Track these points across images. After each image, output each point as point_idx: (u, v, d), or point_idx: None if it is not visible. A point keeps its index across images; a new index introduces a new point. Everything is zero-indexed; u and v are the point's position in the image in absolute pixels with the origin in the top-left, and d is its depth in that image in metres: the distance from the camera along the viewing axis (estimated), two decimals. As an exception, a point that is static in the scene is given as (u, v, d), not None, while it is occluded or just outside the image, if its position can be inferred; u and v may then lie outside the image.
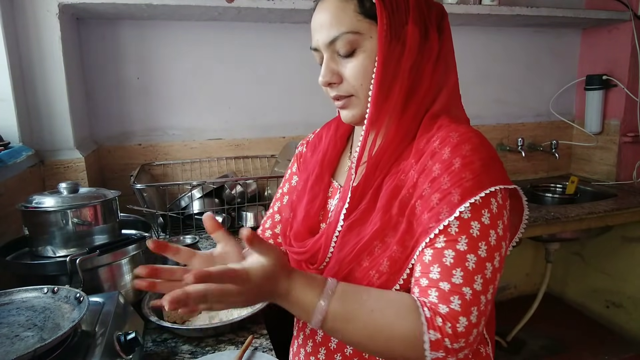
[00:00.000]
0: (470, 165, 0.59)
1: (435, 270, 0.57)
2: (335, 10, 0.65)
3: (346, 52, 0.66)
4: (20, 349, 0.61)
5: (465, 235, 0.58)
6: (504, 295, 2.62)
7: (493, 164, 0.61)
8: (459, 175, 0.59)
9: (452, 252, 0.57)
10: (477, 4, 1.93)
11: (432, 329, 0.55)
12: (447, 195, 0.59)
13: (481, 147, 0.62)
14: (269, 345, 0.92)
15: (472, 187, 0.58)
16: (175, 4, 1.50)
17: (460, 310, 0.55)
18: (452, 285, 0.56)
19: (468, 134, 0.63)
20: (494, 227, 0.59)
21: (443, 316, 0.55)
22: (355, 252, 0.65)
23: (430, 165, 0.62)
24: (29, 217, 0.96)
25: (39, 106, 1.43)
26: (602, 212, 1.81)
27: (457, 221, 0.58)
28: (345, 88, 0.68)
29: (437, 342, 0.55)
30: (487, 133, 2.30)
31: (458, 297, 0.56)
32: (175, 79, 1.79)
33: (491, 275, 0.57)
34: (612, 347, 2.20)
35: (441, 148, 0.62)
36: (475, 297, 0.56)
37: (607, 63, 2.26)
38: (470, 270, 0.56)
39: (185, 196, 1.63)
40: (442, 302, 0.56)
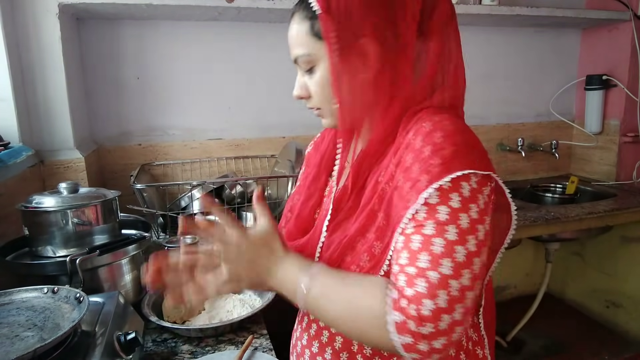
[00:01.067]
0: (440, 152, 0.59)
1: (404, 256, 0.58)
2: (294, 33, 0.70)
3: (306, 69, 0.71)
4: (20, 349, 0.61)
5: (432, 220, 0.57)
6: (504, 295, 2.62)
7: (467, 150, 0.60)
8: (427, 162, 0.58)
9: (419, 236, 0.57)
10: (477, 4, 1.93)
11: (396, 309, 0.55)
12: (416, 183, 0.58)
13: (455, 133, 0.61)
14: (269, 345, 0.92)
15: (439, 172, 0.57)
16: (175, 4, 1.50)
17: (425, 292, 0.54)
18: (417, 269, 0.55)
19: (442, 122, 0.63)
20: (466, 211, 0.57)
21: (408, 298, 0.54)
22: (340, 250, 0.67)
23: (404, 156, 0.63)
24: (29, 217, 0.96)
25: (39, 106, 1.43)
26: (602, 212, 1.81)
27: (424, 207, 0.58)
28: (313, 102, 0.73)
29: (401, 325, 0.54)
30: (487, 133, 2.30)
31: (424, 280, 0.54)
32: (175, 79, 1.79)
33: (465, 259, 0.55)
34: (612, 347, 2.20)
35: (415, 138, 0.62)
36: (442, 280, 0.54)
37: (607, 63, 2.26)
38: (437, 254, 0.55)
39: (185, 196, 1.63)
40: (408, 285, 0.55)
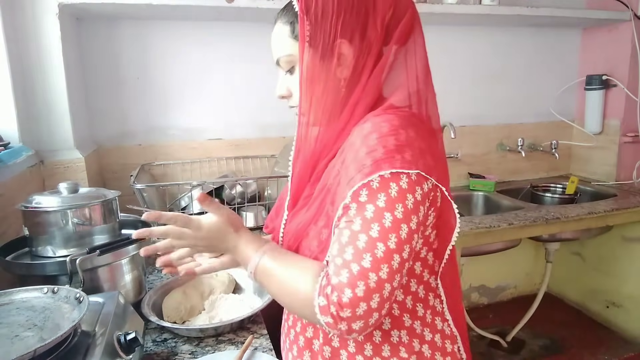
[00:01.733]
0: (372, 153, 0.63)
1: (335, 248, 0.64)
2: (276, 35, 0.77)
3: (286, 69, 0.77)
4: (20, 349, 0.61)
5: (359, 217, 0.62)
6: (504, 295, 2.62)
7: (400, 151, 0.63)
8: (361, 162, 0.64)
9: (348, 231, 0.63)
10: (477, 4, 1.93)
11: (321, 295, 0.62)
12: (349, 181, 0.64)
13: (389, 135, 0.64)
14: (269, 345, 0.92)
15: (369, 172, 0.62)
16: (175, 4, 1.50)
17: (346, 282, 0.60)
18: (343, 261, 0.62)
19: (380, 124, 0.66)
20: (390, 210, 0.61)
21: (333, 286, 0.61)
22: (296, 236, 0.76)
23: (345, 156, 0.69)
24: (29, 217, 0.96)
25: (39, 106, 1.43)
26: (602, 212, 1.81)
27: (355, 204, 0.63)
28: (293, 100, 0.78)
29: (324, 308, 0.61)
30: (487, 133, 2.30)
31: (347, 271, 0.61)
32: (175, 79, 1.79)
33: (384, 255, 0.60)
34: (612, 347, 2.20)
35: (355, 138, 0.67)
36: (362, 273, 0.60)
37: (607, 63, 2.26)
38: (360, 249, 0.61)
39: (185, 196, 1.63)
40: (335, 274, 0.62)
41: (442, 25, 2.11)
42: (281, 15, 0.77)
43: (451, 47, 2.17)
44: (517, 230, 1.74)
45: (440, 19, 1.97)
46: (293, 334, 0.81)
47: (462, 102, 2.25)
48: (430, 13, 1.82)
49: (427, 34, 0.77)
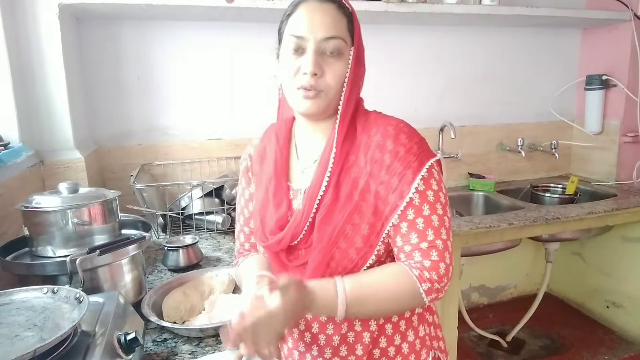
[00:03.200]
0: (411, 150, 0.76)
1: (414, 236, 0.75)
2: (335, 17, 0.77)
3: (334, 51, 0.77)
4: (20, 349, 0.61)
5: (425, 203, 0.75)
6: (504, 295, 2.62)
7: (423, 143, 0.79)
8: (406, 159, 0.75)
9: (421, 218, 0.75)
10: (477, 4, 1.93)
11: (422, 282, 0.72)
12: (403, 177, 0.75)
13: (411, 133, 0.79)
14: (269, 345, 0.92)
15: (418, 165, 0.75)
16: (175, 4, 1.50)
17: (438, 259, 0.73)
18: (428, 243, 0.74)
19: (399, 125, 0.79)
20: (441, 189, 0.77)
21: (427, 269, 0.73)
22: (334, 238, 0.77)
23: (380, 156, 0.77)
24: (29, 217, 0.96)
25: (39, 106, 1.43)
26: (602, 212, 1.81)
27: (417, 194, 0.75)
28: (323, 83, 0.78)
29: (429, 289, 0.73)
30: (487, 133, 2.31)
31: (434, 250, 0.73)
32: (175, 79, 1.79)
33: (448, 223, 0.77)
34: (612, 347, 2.20)
35: (384, 141, 0.77)
36: (444, 244, 0.74)
37: (607, 63, 2.26)
38: (436, 227, 0.75)
39: (185, 196, 1.63)
40: (425, 257, 0.74)
41: (442, 25, 2.11)
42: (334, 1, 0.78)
43: (451, 47, 2.17)
44: (517, 230, 1.74)
45: (440, 19, 1.97)
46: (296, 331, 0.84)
47: (462, 102, 2.25)
48: (430, 13, 1.82)
49: (427, 34, 0.80)
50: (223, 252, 1.42)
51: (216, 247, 1.47)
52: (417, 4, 1.80)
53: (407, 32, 2.06)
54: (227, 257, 1.38)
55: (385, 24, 1.99)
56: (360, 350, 0.80)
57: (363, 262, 0.77)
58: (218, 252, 1.42)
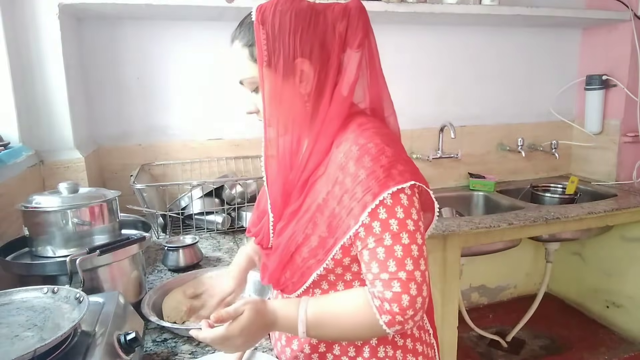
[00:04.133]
0: (373, 175, 0.71)
1: (375, 266, 0.71)
2: (236, 58, 0.80)
3: (251, 89, 0.81)
4: (20, 349, 0.61)
5: (387, 232, 0.70)
6: (504, 295, 2.62)
7: (393, 167, 0.72)
8: (366, 184, 0.71)
9: (382, 248, 0.71)
10: (477, 4, 1.93)
11: (382, 314, 0.70)
12: (361, 202, 0.71)
13: (379, 156, 0.72)
14: (269, 345, 0.92)
15: (379, 191, 0.70)
16: (175, 4, 1.50)
17: (400, 290, 0.69)
18: (389, 274, 0.70)
19: (366, 146, 0.73)
20: (409, 217, 0.71)
21: (388, 300, 0.69)
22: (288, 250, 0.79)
23: (342, 178, 0.74)
24: (29, 217, 0.96)
25: (39, 106, 1.43)
26: (602, 212, 1.81)
27: (377, 221, 0.70)
28: (262, 116, 0.81)
29: (390, 321, 0.69)
30: (487, 133, 2.30)
31: (397, 281, 0.69)
32: (176, 79, 1.79)
33: (418, 253, 0.71)
34: (612, 347, 2.20)
35: (347, 162, 0.74)
36: (409, 275, 0.69)
37: (607, 63, 2.26)
38: (400, 258, 0.70)
39: (185, 196, 1.63)
40: (386, 289, 0.70)
41: (442, 25, 2.11)
42: (238, 35, 0.80)
43: (451, 47, 2.17)
44: (517, 230, 1.74)
45: (440, 19, 1.97)
46: None
47: (462, 102, 2.25)
48: (431, 13, 1.83)
49: (427, 34, 0.80)
50: (223, 252, 1.42)
51: (216, 247, 1.47)
52: (417, 4, 1.80)
53: (407, 32, 2.06)
54: (227, 257, 1.38)
55: (385, 24, 1.99)
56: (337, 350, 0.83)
57: (309, 272, 0.78)
58: (218, 252, 1.42)
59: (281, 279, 0.82)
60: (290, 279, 0.81)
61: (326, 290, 0.81)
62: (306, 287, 0.80)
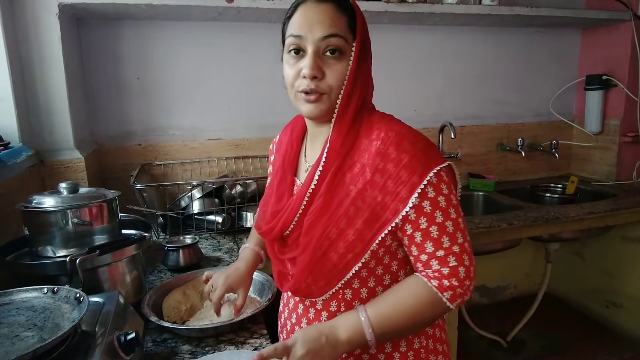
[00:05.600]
0: (415, 157, 0.73)
1: (429, 245, 0.74)
2: (333, 16, 0.75)
3: (334, 50, 0.76)
4: (20, 349, 0.61)
5: (437, 210, 0.73)
6: (504, 295, 2.62)
7: (429, 149, 0.76)
8: (411, 167, 0.73)
9: (435, 226, 0.73)
10: (477, 4, 1.93)
11: (444, 291, 0.73)
12: (408, 185, 0.73)
13: (416, 139, 0.76)
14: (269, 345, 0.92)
15: (424, 172, 0.72)
16: (175, 4, 1.50)
17: (456, 264, 0.73)
18: (444, 250, 0.73)
19: (402, 131, 0.76)
20: (451, 192, 0.75)
21: (446, 276, 0.72)
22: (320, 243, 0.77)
23: (383, 165, 0.74)
24: (29, 217, 0.96)
25: (39, 106, 1.43)
26: (602, 212, 1.81)
27: (427, 201, 0.73)
28: (324, 85, 0.76)
29: (452, 296, 0.73)
30: (487, 133, 2.30)
31: (452, 256, 0.73)
32: (175, 79, 1.79)
33: (463, 225, 0.76)
34: (612, 347, 2.20)
35: (386, 148, 0.75)
36: (461, 247, 0.74)
37: (607, 63, 2.26)
38: (451, 232, 0.74)
39: (185, 196, 1.63)
40: (443, 265, 0.73)
41: (442, 25, 2.11)
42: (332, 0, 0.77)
43: (451, 47, 2.17)
44: (517, 230, 1.74)
45: (440, 19, 1.97)
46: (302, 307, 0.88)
47: (462, 102, 2.25)
48: (430, 13, 1.83)
49: (427, 34, 0.81)
50: (223, 252, 1.42)
51: (216, 247, 1.47)
52: (417, 4, 1.80)
53: (407, 32, 2.06)
54: (227, 257, 1.38)
55: (385, 24, 1.99)
56: None
57: (347, 268, 0.77)
58: (218, 252, 1.42)
59: (308, 282, 0.79)
60: (320, 280, 0.79)
61: (357, 289, 0.80)
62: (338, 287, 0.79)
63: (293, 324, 0.90)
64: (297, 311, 0.89)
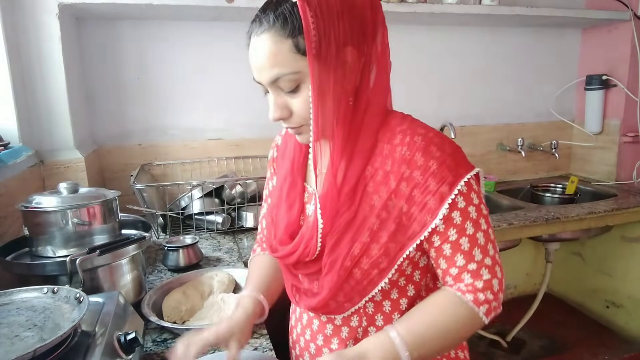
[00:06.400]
0: (444, 164, 0.67)
1: (460, 258, 0.69)
2: (272, 52, 0.65)
3: (290, 88, 0.67)
4: (20, 349, 0.61)
5: (468, 221, 0.68)
6: (504, 295, 2.60)
7: (458, 154, 0.70)
8: (440, 175, 0.67)
9: (465, 238, 0.68)
10: (477, 4, 1.93)
11: (479, 305, 0.68)
12: (437, 194, 0.67)
13: (443, 144, 0.69)
14: (269, 345, 0.92)
15: (454, 181, 0.67)
16: (175, 4, 1.50)
17: (490, 276, 0.69)
18: (477, 263, 0.69)
19: (427, 136, 0.69)
20: (481, 201, 0.70)
21: (481, 290, 0.68)
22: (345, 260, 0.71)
23: (409, 173, 0.68)
24: (29, 217, 0.96)
25: (39, 106, 1.43)
26: (602, 212, 1.81)
27: (456, 211, 0.68)
28: (295, 120, 0.70)
29: (488, 310, 0.69)
30: (487, 133, 2.30)
31: (485, 268, 0.69)
32: (175, 79, 1.79)
33: (493, 236, 0.71)
34: (612, 347, 2.20)
35: (412, 155, 0.68)
36: (493, 259, 0.70)
37: (607, 63, 2.26)
38: (483, 245, 0.69)
39: (185, 196, 1.63)
40: (476, 279, 0.69)
41: (442, 25, 2.11)
42: (270, 24, 0.64)
43: (451, 47, 2.17)
44: (517, 230, 1.74)
45: (440, 19, 1.97)
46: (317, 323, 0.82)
47: (462, 102, 2.25)
48: (430, 13, 1.82)
49: (427, 34, 0.78)
50: (223, 252, 1.42)
51: (216, 247, 1.47)
52: (417, 4, 1.80)
53: (407, 32, 2.06)
54: (227, 257, 1.38)
55: (385, 24, 1.99)
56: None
57: (372, 285, 0.71)
58: (218, 252, 1.42)
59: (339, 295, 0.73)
60: (341, 297, 0.73)
61: (379, 302, 0.75)
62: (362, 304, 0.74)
63: (307, 340, 0.84)
64: (312, 327, 0.83)
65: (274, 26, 0.64)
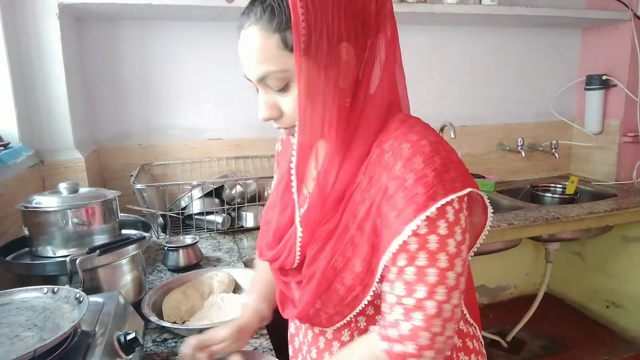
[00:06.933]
0: (423, 179, 0.58)
1: (400, 287, 0.60)
2: (259, 47, 0.61)
3: (278, 87, 0.63)
4: (20, 349, 0.61)
5: (423, 250, 0.58)
6: (504, 295, 2.62)
7: (447, 171, 0.59)
8: (412, 191, 0.58)
9: (413, 268, 0.59)
10: (477, 4, 1.93)
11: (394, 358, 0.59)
12: (402, 213, 0.58)
13: (433, 155, 0.59)
14: (269, 345, 0.92)
15: (425, 201, 0.57)
16: (175, 4, 1.50)
17: (422, 325, 0.58)
18: (415, 301, 0.58)
19: (419, 143, 0.60)
20: (452, 235, 0.59)
21: (401, 339, 0.58)
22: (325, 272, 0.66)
23: (385, 182, 0.61)
24: (29, 217, 0.96)
25: (39, 106, 1.43)
26: (602, 212, 1.81)
27: (414, 237, 0.58)
28: (286, 121, 0.66)
29: None
30: (487, 133, 2.30)
31: (420, 312, 0.58)
32: (175, 79, 1.79)
33: (454, 282, 0.59)
34: (612, 347, 2.20)
35: (394, 162, 0.61)
36: (438, 308, 0.58)
37: (607, 63, 2.26)
38: (432, 283, 0.58)
39: (185, 196, 1.63)
40: (405, 319, 0.59)
41: (442, 25, 2.11)
42: (257, 18, 0.60)
43: (451, 47, 2.17)
44: (517, 230, 1.74)
45: (440, 19, 1.97)
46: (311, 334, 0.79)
47: (462, 102, 2.25)
48: (431, 13, 1.83)
49: (427, 34, 0.77)
50: (223, 252, 1.42)
51: (216, 247, 1.47)
52: (417, 4, 1.80)
53: (407, 32, 2.05)
54: (227, 257, 1.38)
55: (385, 24, 1.99)
56: None
57: (356, 302, 0.66)
58: (218, 252, 1.42)
59: (314, 313, 0.69)
60: (328, 311, 0.69)
61: (372, 316, 0.70)
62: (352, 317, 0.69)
63: (307, 350, 0.81)
64: (307, 338, 0.80)
65: (261, 19, 0.60)
